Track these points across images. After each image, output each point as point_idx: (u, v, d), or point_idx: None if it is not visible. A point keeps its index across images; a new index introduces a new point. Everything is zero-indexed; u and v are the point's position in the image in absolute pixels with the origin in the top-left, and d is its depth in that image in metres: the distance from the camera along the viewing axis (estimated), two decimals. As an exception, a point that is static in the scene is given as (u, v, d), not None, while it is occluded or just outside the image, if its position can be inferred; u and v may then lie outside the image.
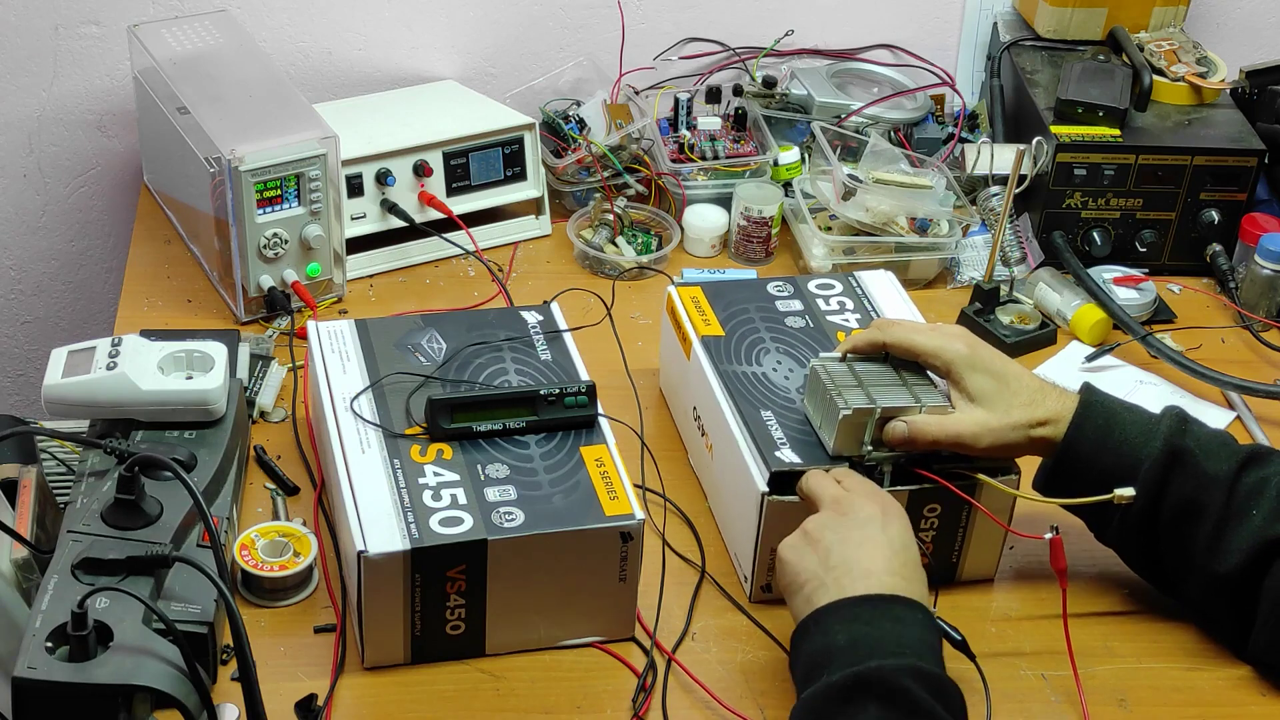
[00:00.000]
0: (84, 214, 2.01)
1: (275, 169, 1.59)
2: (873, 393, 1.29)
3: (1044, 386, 1.32)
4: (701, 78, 2.01)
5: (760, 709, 1.25)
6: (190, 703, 1.10)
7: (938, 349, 1.31)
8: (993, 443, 1.29)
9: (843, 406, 1.27)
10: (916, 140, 1.94)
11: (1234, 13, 2.12)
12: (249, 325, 1.67)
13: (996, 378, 1.30)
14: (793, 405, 1.36)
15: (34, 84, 1.91)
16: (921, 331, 1.34)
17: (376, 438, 1.32)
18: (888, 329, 1.35)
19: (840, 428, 1.28)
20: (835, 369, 1.33)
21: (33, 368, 2.11)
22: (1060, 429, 1.29)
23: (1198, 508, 1.27)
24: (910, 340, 1.33)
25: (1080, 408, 1.29)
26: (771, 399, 1.37)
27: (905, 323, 1.39)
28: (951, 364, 1.31)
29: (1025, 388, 1.30)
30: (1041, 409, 1.29)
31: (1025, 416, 1.29)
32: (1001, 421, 1.28)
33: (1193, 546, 1.28)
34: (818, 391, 1.32)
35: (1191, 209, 1.82)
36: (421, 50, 1.98)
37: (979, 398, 1.29)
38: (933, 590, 1.33)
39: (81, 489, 1.29)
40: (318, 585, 1.33)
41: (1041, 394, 1.30)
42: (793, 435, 1.32)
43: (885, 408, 1.28)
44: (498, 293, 1.73)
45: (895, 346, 1.34)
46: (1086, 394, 1.31)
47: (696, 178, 1.86)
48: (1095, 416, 1.29)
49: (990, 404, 1.29)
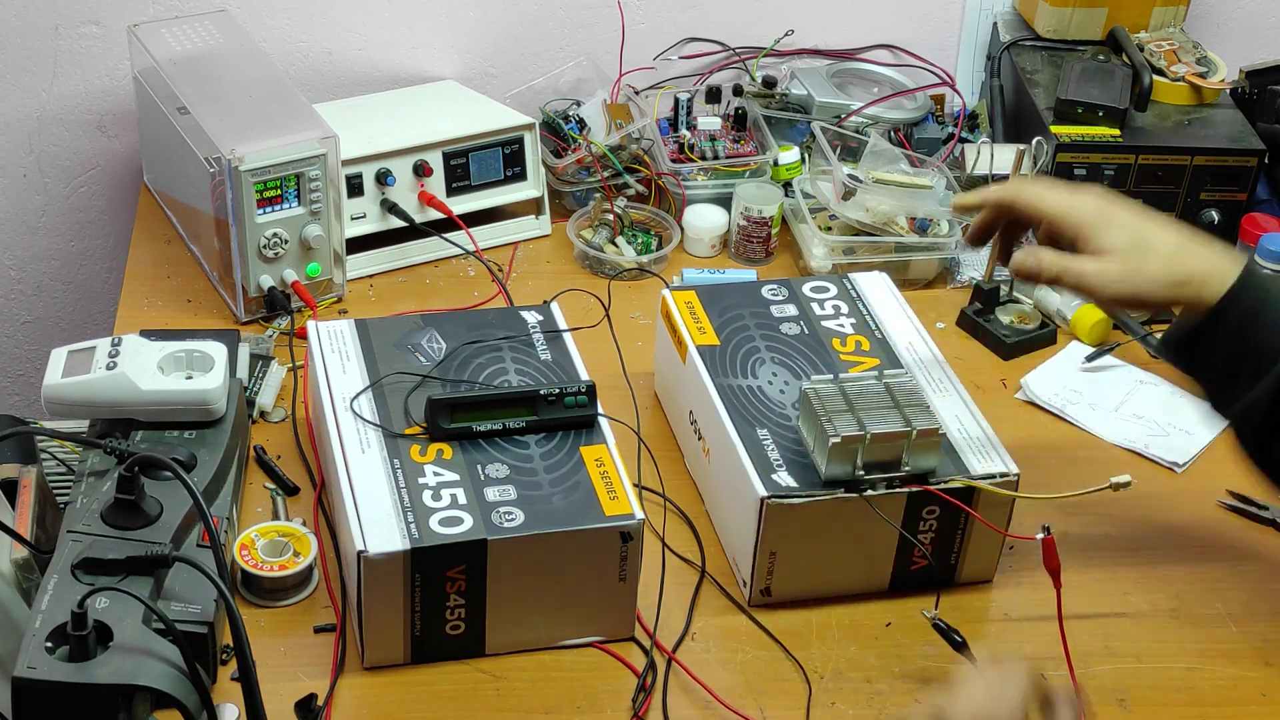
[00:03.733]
0: (84, 214, 2.01)
1: (275, 169, 1.59)
2: (863, 417, 1.29)
3: (1189, 244, 1.24)
4: (701, 78, 2.01)
5: (760, 709, 1.25)
6: (190, 703, 1.10)
7: (1066, 209, 1.25)
8: (1120, 293, 1.24)
9: (832, 434, 1.27)
10: (916, 140, 1.94)
11: (1234, 13, 2.12)
12: (249, 325, 1.67)
13: (1132, 232, 1.24)
14: (788, 423, 1.36)
15: (34, 84, 1.91)
16: (1054, 191, 1.28)
17: (376, 438, 1.32)
18: (1020, 190, 1.29)
19: (831, 453, 1.28)
20: (826, 392, 1.32)
21: (33, 368, 2.11)
22: (1208, 290, 1.22)
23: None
24: (1039, 202, 1.27)
25: (1242, 275, 1.21)
26: (768, 416, 1.37)
27: (1041, 182, 1.31)
28: (1081, 224, 1.25)
29: (1166, 243, 1.24)
30: (1184, 266, 1.23)
31: (1163, 272, 1.23)
32: (1134, 276, 1.23)
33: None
34: (809, 416, 1.31)
35: (1191, 209, 1.82)
36: (421, 50, 1.98)
37: (1111, 252, 1.23)
38: (933, 591, 1.34)
39: (81, 489, 1.29)
40: (318, 585, 1.33)
41: (1186, 250, 1.24)
42: (788, 456, 1.32)
43: (875, 433, 1.28)
44: (498, 293, 1.73)
45: (1023, 209, 1.29)
46: (1249, 265, 1.23)
47: (696, 178, 1.86)
48: (1254, 288, 1.22)
49: (1124, 259, 1.23)
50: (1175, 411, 1.62)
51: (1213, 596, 1.40)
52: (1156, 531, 1.47)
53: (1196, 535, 1.47)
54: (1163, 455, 1.56)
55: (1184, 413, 1.62)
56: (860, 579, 1.36)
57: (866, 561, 1.35)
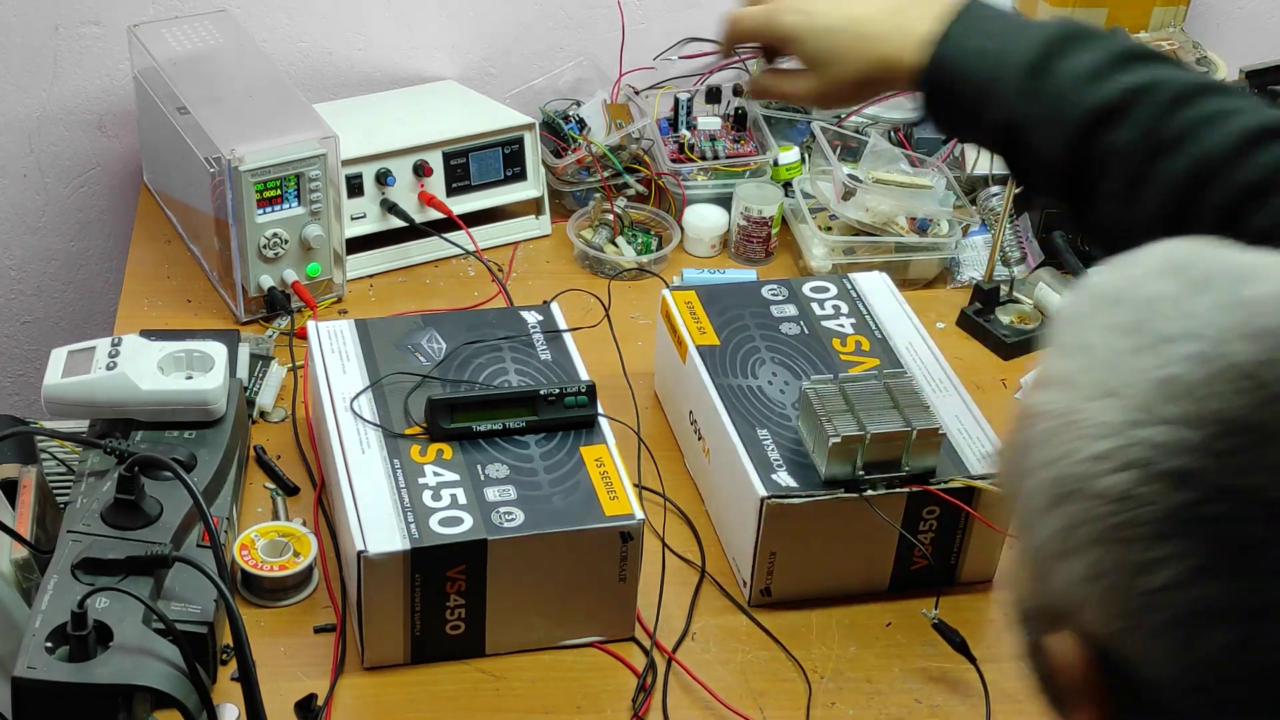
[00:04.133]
0: (84, 214, 2.01)
1: (275, 169, 1.59)
2: (863, 417, 1.29)
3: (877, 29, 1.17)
4: (701, 78, 2.01)
5: (760, 709, 1.25)
6: (190, 703, 1.10)
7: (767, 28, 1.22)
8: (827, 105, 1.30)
9: (832, 434, 1.27)
10: (916, 140, 1.94)
11: (1234, 13, 2.12)
12: (249, 325, 1.67)
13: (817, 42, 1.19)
14: (788, 424, 1.36)
15: (34, 84, 1.91)
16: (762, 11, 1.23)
17: (376, 438, 1.32)
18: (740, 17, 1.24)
19: (831, 454, 1.28)
20: (826, 391, 1.32)
21: (33, 368, 2.11)
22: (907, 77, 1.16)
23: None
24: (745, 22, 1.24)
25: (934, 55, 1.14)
26: (768, 416, 1.37)
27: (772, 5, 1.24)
28: (782, 42, 1.22)
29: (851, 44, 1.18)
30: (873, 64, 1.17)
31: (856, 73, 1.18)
32: (830, 86, 1.20)
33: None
34: (809, 416, 1.31)
35: (1191, 209, 1.81)
36: (421, 50, 1.98)
37: (808, 66, 1.21)
38: (933, 591, 1.34)
39: (81, 489, 1.29)
40: (318, 585, 1.33)
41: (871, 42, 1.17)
42: (788, 456, 1.32)
43: (875, 433, 1.28)
44: (498, 293, 1.73)
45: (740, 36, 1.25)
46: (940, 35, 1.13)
47: (696, 178, 1.86)
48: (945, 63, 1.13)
49: (819, 72, 1.20)
50: (1175, 411, 1.62)
51: (1213, 596, 1.40)
52: (1156, 531, 1.47)
53: (1196, 535, 1.47)
54: (1163, 455, 1.56)
55: (1184, 413, 1.62)
56: (860, 579, 1.36)
57: (866, 561, 1.35)
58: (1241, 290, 0.66)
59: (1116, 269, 0.71)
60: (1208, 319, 0.65)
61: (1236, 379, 0.63)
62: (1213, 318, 0.65)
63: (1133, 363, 0.65)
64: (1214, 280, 0.66)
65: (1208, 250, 0.69)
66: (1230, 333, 0.64)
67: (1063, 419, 0.66)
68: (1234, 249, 0.70)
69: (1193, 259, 0.69)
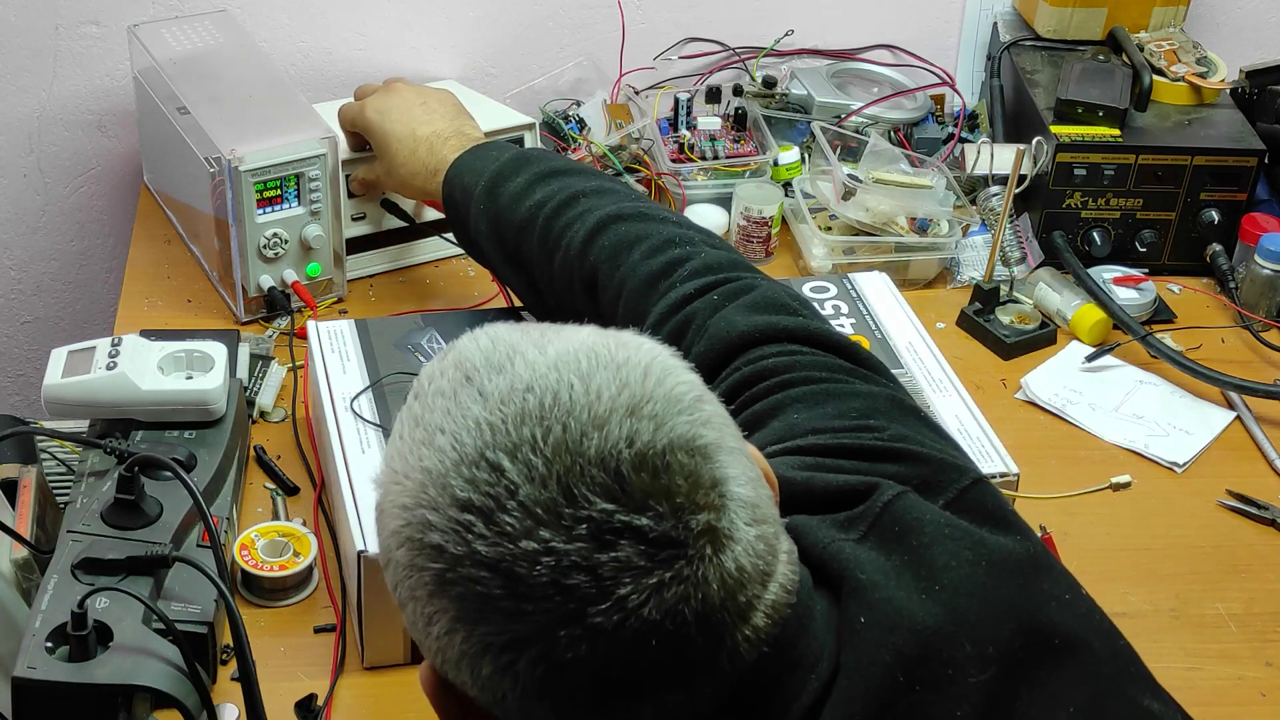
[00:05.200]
0: (84, 214, 2.01)
1: (275, 169, 1.59)
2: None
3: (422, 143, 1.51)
4: (701, 78, 2.01)
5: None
6: (190, 703, 1.10)
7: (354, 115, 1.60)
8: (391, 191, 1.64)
9: None
10: (916, 140, 1.94)
11: (1234, 13, 2.12)
12: (249, 325, 1.67)
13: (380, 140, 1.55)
14: None
15: (34, 84, 1.91)
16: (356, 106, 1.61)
17: (376, 438, 1.32)
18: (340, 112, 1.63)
19: None
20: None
21: (33, 368, 2.11)
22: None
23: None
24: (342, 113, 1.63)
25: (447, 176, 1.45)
26: None
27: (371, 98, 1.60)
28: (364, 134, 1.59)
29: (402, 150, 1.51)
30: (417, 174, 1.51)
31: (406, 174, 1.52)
32: (389, 177, 1.55)
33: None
34: None
35: (1191, 209, 1.82)
36: (421, 50, 1.98)
37: (378, 157, 1.57)
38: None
39: (81, 489, 1.29)
40: (318, 585, 1.34)
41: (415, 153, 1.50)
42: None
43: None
44: (498, 293, 1.73)
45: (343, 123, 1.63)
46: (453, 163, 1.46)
47: (696, 178, 1.86)
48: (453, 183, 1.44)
49: (383, 162, 1.56)
50: (1175, 411, 1.62)
51: (1213, 596, 1.40)
52: (1156, 531, 1.47)
53: (1196, 535, 1.47)
54: (1163, 455, 1.56)
55: (1184, 413, 1.62)
56: (860, 579, 1.35)
57: (866, 561, 1.34)
58: (490, 382, 0.77)
59: (435, 359, 0.83)
60: (464, 411, 0.77)
61: (472, 465, 0.75)
62: (468, 410, 0.77)
63: (415, 452, 0.78)
64: (476, 373, 0.78)
65: (506, 336, 0.81)
66: (471, 423, 0.76)
67: (383, 496, 0.80)
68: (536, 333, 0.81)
69: (484, 349, 0.80)
